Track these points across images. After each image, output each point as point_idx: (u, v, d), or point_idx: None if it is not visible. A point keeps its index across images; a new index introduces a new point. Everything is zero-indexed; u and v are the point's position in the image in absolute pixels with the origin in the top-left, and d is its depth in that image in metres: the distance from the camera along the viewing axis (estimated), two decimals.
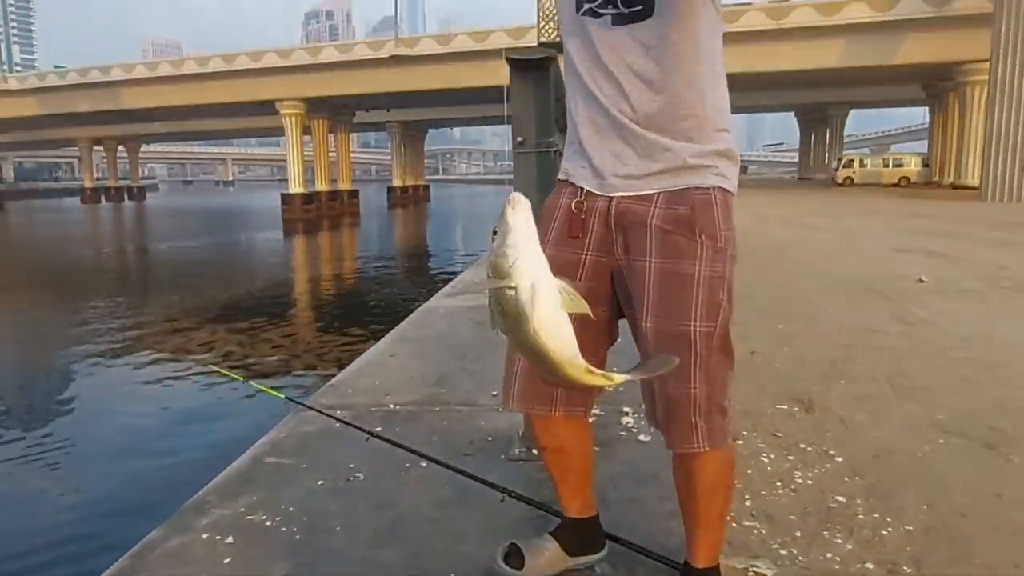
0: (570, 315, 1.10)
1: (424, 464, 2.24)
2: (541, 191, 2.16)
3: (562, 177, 1.51)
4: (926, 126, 40.47)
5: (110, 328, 10.43)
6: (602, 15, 1.36)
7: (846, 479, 2.51)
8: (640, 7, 1.32)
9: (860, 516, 2.24)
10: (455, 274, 18.28)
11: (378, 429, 2.55)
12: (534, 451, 2.29)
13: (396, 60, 35.37)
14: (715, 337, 1.35)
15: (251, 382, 2.37)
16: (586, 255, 1.44)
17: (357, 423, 2.37)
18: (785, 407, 3.16)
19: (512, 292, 1.06)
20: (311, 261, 22.26)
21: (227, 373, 2.45)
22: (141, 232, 34.53)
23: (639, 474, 2.26)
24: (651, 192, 1.37)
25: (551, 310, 1.08)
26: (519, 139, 2.16)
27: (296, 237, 30.38)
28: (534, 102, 2.10)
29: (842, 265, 7.35)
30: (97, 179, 67.42)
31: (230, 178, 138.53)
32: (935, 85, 33.17)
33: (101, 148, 65.60)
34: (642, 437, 2.53)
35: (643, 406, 1.52)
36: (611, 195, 1.40)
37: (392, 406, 2.85)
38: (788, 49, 30.04)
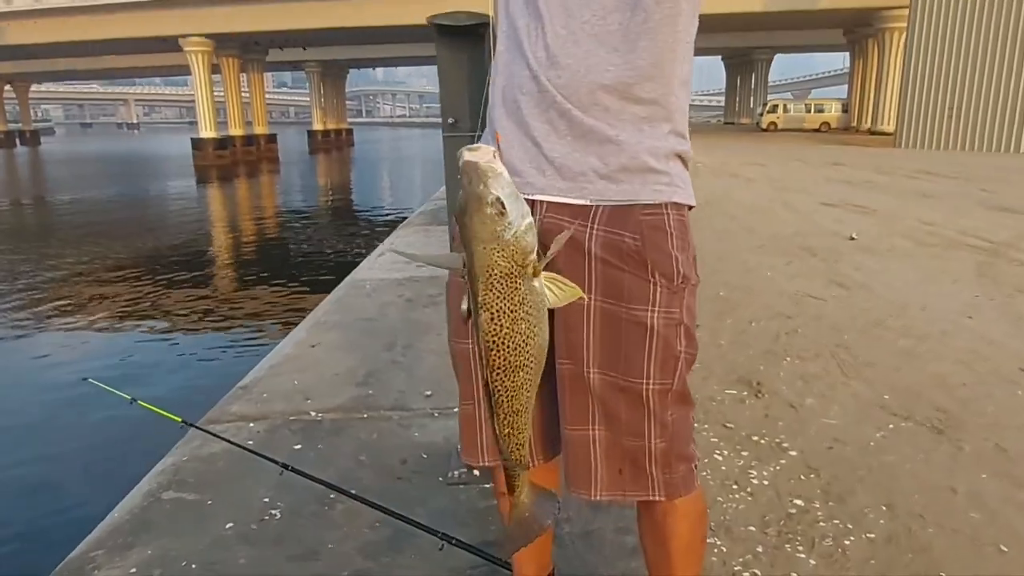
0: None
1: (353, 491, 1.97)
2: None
3: None
4: (847, 71, 41.46)
5: None
6: None
7: (801, 477, 2.40)
8: None
9: (820, 523, 2.12)
10: (385, 226, 17.74)
11: (297, 447, 2.27)
12: (475, 472, 2.06)
13: None
14: (671, 393, 1.12)
15: (141, 402, 2.03)
16: None
17: (273, 441, 2.06)
18: (734, 392, 3.03)
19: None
20: (228, 213, 21.07)
21: (109, 388, 2.08)
22: (38, 183, 32.01)
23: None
24: (584, 204, 1.07)
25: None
26: (450, 120, 1.85)
27: (210, 186, 28.75)
28: (467, 77, 1.78)
29: (775, 221, 7.35)
30: None
31: (134, 120, 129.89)
32: (855, 31, 33.85)
33: None
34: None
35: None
36: (532, 198, 1.08)
37: (314, 414, 2.55)
38: None
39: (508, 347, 0.91)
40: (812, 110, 36.10)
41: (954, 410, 2.87)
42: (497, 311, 0.88)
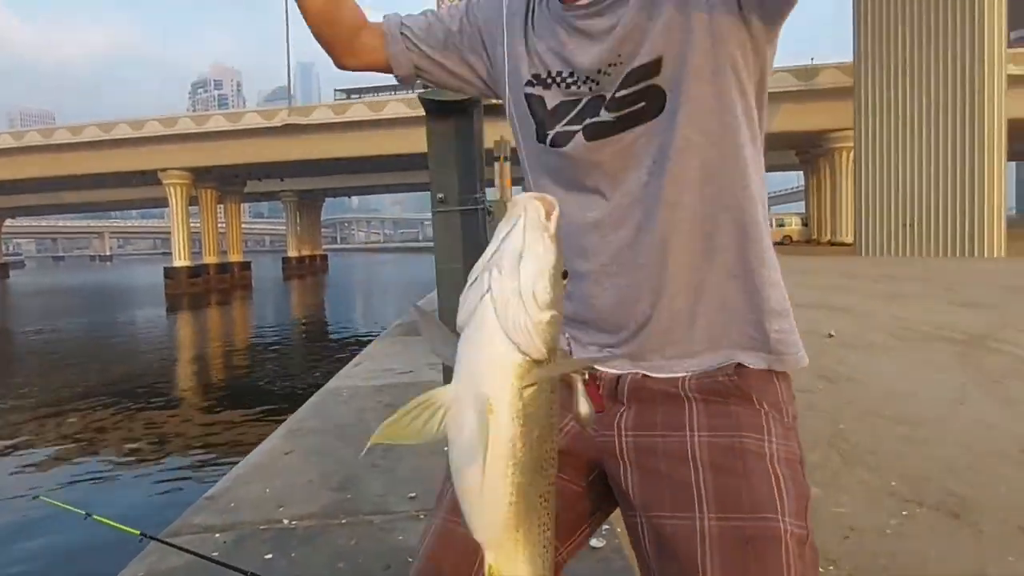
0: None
1: None
2: (468, 256, 1.79)
3: None
4: (802, 188, 43.65)
5: None
6: (574, 134, 0.90)
7: (820, 570, 2.22)
8: (643, 103, 0.85)
9: None
10: (360, 348, 17.44)
11: (268, 557, 2.04)
12: None
13: (289, 129, 34.73)
14: (808, 545, 0.83)
15: (96, 516, 1.83)
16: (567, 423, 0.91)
17: (241, 552, 1.84)
18: None
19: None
20: (196, 339, 20.63)
21: (62, 505, 1.89)
22: (1, 313, 31.41)
23: None
24: (674, 376, 0.89)
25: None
26: (439, 195, 1.81)
27: (181, 313, 28.41)
28: (455, 152, 1.76)
29: None
30: None
31: (107, 252, 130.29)
32: (807, 151, 35.92)
33: None
34: (594, 542, 2.14)
35: None
36: (615, 373, 0.91)
37: (287, 522, 2.32)
38: None
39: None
40: (774, 225, 37.57)
41: (966, 493, 2.74)
42: None
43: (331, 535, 2.21)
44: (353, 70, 1.05)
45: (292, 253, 55.03)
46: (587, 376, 0.86)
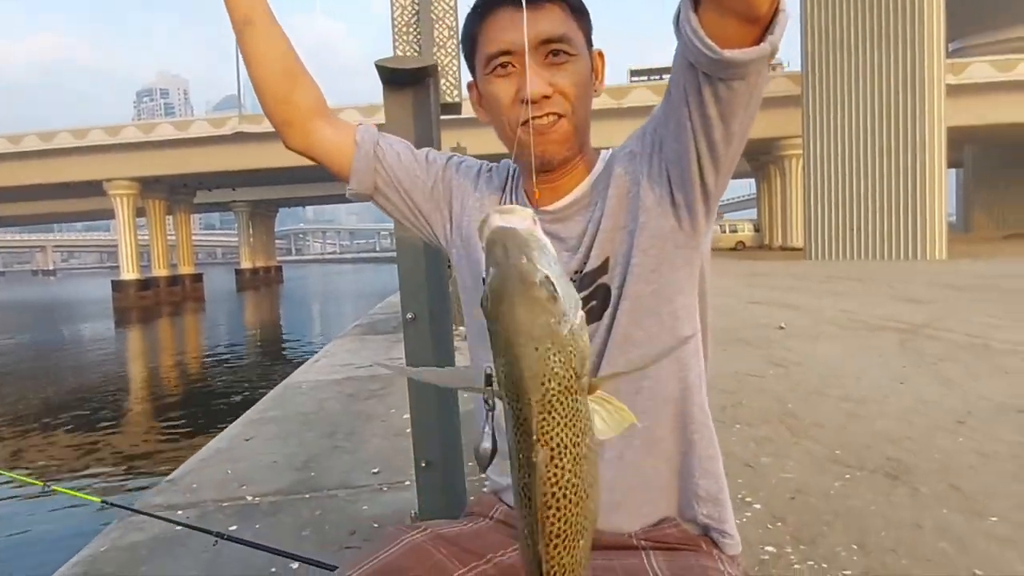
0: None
1: (295, 566, 1.78)
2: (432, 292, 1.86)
3: (488, 491, 1.02)
4: (754, 195, 44.68)
5: None
6: None
7: (769, 526, 2.33)
8: (593, 302, 0.87)
9: (796, 566, 2.04)
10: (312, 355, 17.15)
11: (232, 528, 2.06)
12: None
13: (240, 137, 34.15)
14: None
15: (53, 485, 1.82)
16: None
17: (203, 524, 1.86)
18: None
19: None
20: (147, 351, 20.08)
21: (19, 477, 1.88)
22: None
23: None
24: (623, 531, 0.90)
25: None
26: None
27: (130, 327, 27.62)
28: (412, 121, 1.81)
29: None
30: None
31: (51, 267, 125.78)
32: (758, 159, 36.86)
33: None
34: None
35: None
36: None
37: (250, 498, 2.34)
38: (633, 126, 32.20)
39: (571, 502, 0.57)
40: (727, 231, 38.40)
41: (904, 459, 2.90)
42: (559, 445, 0.56)
43: (295, 508, 2.23)
44: (298, 153, 0.96)
45: (245, 265, 53.95)
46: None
